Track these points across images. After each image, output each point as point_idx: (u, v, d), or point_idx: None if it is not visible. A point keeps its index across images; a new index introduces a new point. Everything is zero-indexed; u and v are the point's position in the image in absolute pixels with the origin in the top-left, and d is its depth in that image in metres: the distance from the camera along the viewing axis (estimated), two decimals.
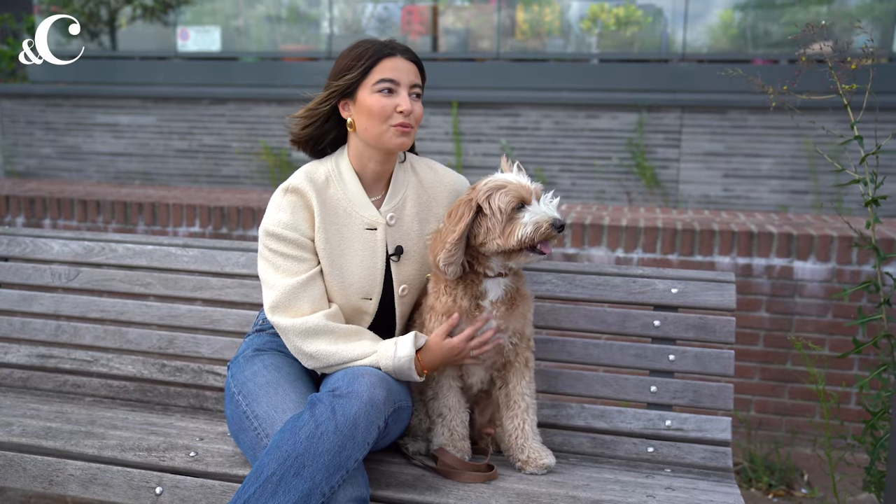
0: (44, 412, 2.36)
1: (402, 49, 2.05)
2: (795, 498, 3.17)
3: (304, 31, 7.03)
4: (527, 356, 2.12)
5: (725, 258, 3.57)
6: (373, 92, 2.00)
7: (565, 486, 1.98)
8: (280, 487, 1.70)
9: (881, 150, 2.42)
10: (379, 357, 1.97)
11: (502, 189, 1.92)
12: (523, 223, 1.89)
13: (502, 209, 1.90)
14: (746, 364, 3.61)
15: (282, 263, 2.03)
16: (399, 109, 1.99)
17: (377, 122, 2.01)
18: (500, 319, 2.03)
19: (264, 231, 2.05)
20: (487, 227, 1.92)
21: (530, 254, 1.93)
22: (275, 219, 2.04)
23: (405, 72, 2.02)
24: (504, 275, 2.03)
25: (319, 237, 2.05)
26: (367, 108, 2.01)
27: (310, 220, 2.05)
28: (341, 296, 2.08)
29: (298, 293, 2.01)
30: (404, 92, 2.01)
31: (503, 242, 1.91)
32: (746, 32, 6.15)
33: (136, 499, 2.00)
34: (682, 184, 5.86)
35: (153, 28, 7.24)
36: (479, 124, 6.17)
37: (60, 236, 2.74)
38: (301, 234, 2.04)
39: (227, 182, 6.70)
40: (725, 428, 2.23)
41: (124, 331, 2.63)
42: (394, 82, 2.00)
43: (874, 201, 2.40)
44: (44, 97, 7.03)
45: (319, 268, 2.06)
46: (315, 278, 2.05)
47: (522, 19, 6.56)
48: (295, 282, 2.01)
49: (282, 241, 2.03)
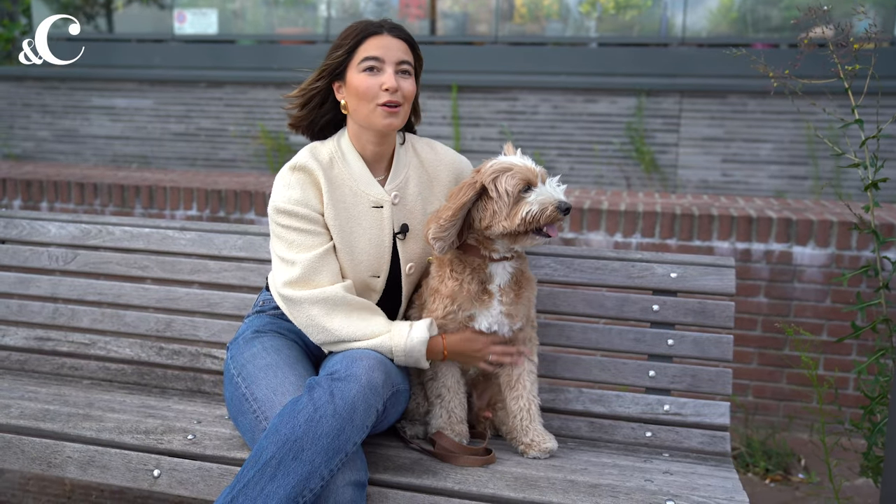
0: (42, 395, 2.35)
1: (389, 26, 2.04)
2: (792, 483, 3.18)
3: (301, 13, 6.98)
4: (531, 337, 2.14)
5: (724, 243, 3.56)
6: (359, 71, 2.01)
7: (563, 470, 1.98)
8: (279, 471, 1.70)
9: (881, 134, 2.41)
10: (392, 336, 1.97)
11: (508, 171, 1.91)
12: (529, 203, 1.88)
13: (509, 191, 1.89)
14: (745, 349, 3.61)
15: (296, 238, 2.02)
16: (384, 87, 1.98)
17: (364, 102, 2.01)
18: (508, 306, 2.03)
19: (275, 209, 2.03)
20: (493, 210, 1.91)
21: (536, 236, 1.92)
22: (285, 196, 2.02)
23: (391, 49, 2.01)
24: (509, 258, 2.03)
25: (329, 214, 2.04)
26: (354, 87, 2.02)
27: (319, 196, 2.04)
28: (352, 273, 2.07)
29: (317, 267, 2.00)
30: (390, 69, 2.00)
31: (509, 224, 1.90)
32: (746, 16, 6.11)
33: (134, 481, 2.01)
34: (681, 168, 5.84)
35: (150, 11, 7.18)
36: (477, 108, 6.14)
37: (57, 219, 2.73)
38: (312, 209, 2.03)
39: (225, 165, 6.67)
40: (724, 413, 2.23)
41: (122, 314, 2.62)
42: (378, 59, 2.00)
43: (874, 185, 2.39)
44: (40, 80, 6.99)
45: (332, 242, 2.05)
46: (330, 252, 2.04)
47: (521, 3, 6.52)
48: (313, 255, 2.00)
49: (294, 217, 2.01)
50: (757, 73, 2.49)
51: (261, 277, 2.53)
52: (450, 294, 2.01)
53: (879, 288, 2.47)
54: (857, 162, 2.45)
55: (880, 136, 2.40)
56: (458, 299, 2.01)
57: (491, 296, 2.02)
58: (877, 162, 2.42)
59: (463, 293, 2.00)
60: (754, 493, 3.05)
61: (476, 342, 2.04)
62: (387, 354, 1.97)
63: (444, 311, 2.02)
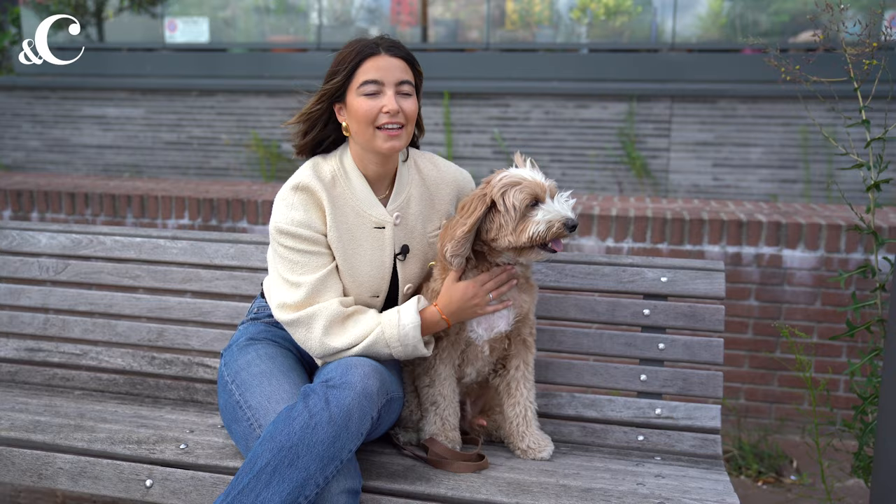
0: (33, 406, 2.34)
1: (387, 46, 2.00)
2: (784, 485, 3.19)
3: (292, 21, 6.99)
4: (529, 342, 2.15)
5: (715, 247, 3.58)
6: (358, 95, 1.98)
7: (556, 474, 1.99)
8: (274, 478, 1.70)
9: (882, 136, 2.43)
10: (384, 328, 1.96)
11: (517, 186, 1.91)
12: (536, 222, 1.89)
13: (516, 206, 1.90)
14: (736, 352, 3.62)
15: (300, 259, 2.00)
16: (385, 110, 1.96)
17: (364, 126, 1.98)
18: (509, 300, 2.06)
19: (277, 230, 2.00)
20: (500, 224, 1.92)
21: (541, 251, 1.94)
22: (287, 217, 2.00)
23: (390, 70, 1.98)
24: (511, 264, 2.04)
25: (332, 235, 2.02)
26: (354, 111, 1.99)
27: (321, 217, 2.02)
28: (353, 292, 2.07)
29: (321, 288, 1.99)
30: (390, 91, 1.97)
31: (515, 239, 1.91)
32: (735, 22, 6.15)
33: (127, 492, 2.00)
34: (672, 173, 5.87)
35: (141, 19, 7.18)
36: (469, 115, 6.16)
37: (48, 229, 2.73)
38: (316, 230, 2.00)
39: (217, 174, 6.67)
40: (715, 416, 2.24)
41: (113, 324, 2.62)
42: (377, 83, 1.97)
43: (876, 186, 2.41)
44: (30, 89, 6.98)
45: (335, 263, 2.04)
46: (334, 272, 2.03)
47: (512, 9, 6.54)
48: (317, 277, 1.99)
49: (297, 239, 1.99)
50: (747, 77, 2.50)
51: (253, 286, 2.53)
52: None
53: (876, 289, 2.48)
54: (861, 163, 2.46)
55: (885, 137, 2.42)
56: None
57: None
58: (881, 163, 2.43)
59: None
60: (746, 496, 3.06)
61: (468, 292, 2.00)
62: (384, 350, 1.96)
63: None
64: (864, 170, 2.46)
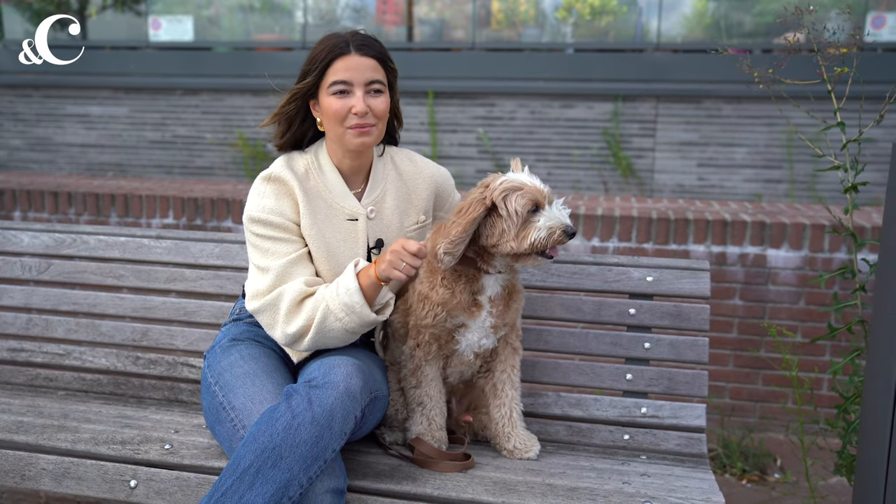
0: (15, 406, 2.32)
1: (357, 44, 2.01)
2: (769, 483, 3.22)
3: (277, 20, 6.96)
4: (515, 345, 2.15)
5: (700, 246, 3.60)
6: (328, 94, 2.01)
7: (542, 473, 1.99)
8: (257, 479, 1.69)
9: (862, 138, 2.45)
10: (328, 300, 1.93)
11: (519, 191, 1.89)
12: (538, 227, 1.88)
13: (518, 212, 1.88)
14: (721, 351, 3.64)
15: (270, 246, 2.02)
16: (354, 111, 1.98)
17: (335, 124, 2.02)
18: (497, 318, 2.04)
19: (249, 218, 2.04)
20: (502, 229, 1.90)
21: (539, 258, 1.92)
22: (259, 205, 2.03)
23: (359, 70, 1.99)
24: (501, 272, 2.03)
25: (306, 223, 2.04)
26: (325, 109, 2.03)
27: (293, 206, 2.04)
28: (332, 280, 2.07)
29: (290, 271, 2.00)
30: (359, 92, 1.99)
31: (516, 245, 1.89)
32: (720, 22, 6.18)
33: (111, 492, 1.99)
34: (658, 173, 5.89)
35: (124, 17, 7.12)
36: (454, 114, 6.15)
37: (31, 228, 2.70)
38: (286, 218, 2.03)
39: (201, 173, 6.63)
40: (700, 415, 2.25)
41: (97, 323, 2.60)
42: (346, 83, 1.99)
43: (853, 188, 2.43)
44: (12, 87, 6.91)
45: (307, 249, 2.05)
46: (304, 257, 2.04)
47: (497, 9, 6.55)
48: (286, 261, 2.00)
49: (268, 226, 2.02)
50: (731, 77, 2.52)
51: (238, 286, 2.52)
52: (441, 302, 2.00)
53: (856, 290, 2.50)
54: (838, 165, 2.48)
55: (860, 139, 2.44)
56: (449, 308, 2.01)
57: (480, 307, 2.02)
58: (857, 165, 2.45)
59: (454, 302, 2.00)
60: (731, 494, 3.08)
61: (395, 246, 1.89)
62: (336, 324, 1.92)
63: (434, 319, 2.02)
64: (842, 171, 2.48)
